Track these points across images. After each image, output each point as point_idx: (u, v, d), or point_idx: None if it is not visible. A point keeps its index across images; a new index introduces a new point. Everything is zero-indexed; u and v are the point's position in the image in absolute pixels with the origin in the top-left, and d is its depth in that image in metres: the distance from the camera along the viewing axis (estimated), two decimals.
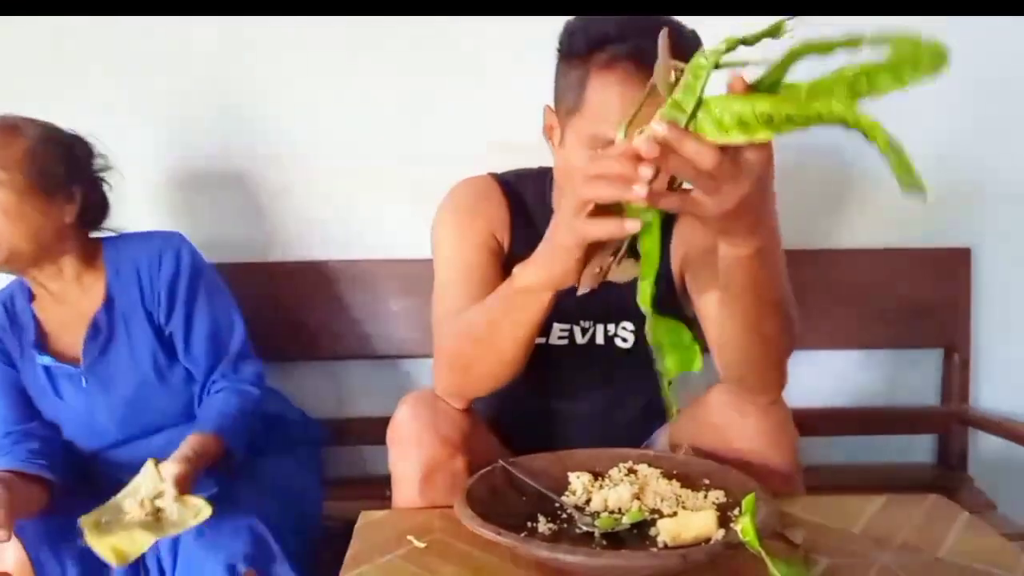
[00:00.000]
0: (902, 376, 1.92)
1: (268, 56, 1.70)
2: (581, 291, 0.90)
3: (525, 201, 1.28)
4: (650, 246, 0.81)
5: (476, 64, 1.73)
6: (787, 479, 1.12)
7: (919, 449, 1.94)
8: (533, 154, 1.31)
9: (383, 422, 1.12)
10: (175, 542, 1.19)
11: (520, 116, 1.70)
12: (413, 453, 1.07)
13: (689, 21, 1.15)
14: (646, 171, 0.74)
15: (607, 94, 1.06)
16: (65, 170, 1.31)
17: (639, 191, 0.74)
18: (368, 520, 1.05)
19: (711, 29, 1.11)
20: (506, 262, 1.23)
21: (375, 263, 1.76)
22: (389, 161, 1.76)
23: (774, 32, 0.67)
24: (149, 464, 1.16)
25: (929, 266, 1.82)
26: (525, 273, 0.97)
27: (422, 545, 0.96)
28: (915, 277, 1.80)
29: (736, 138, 0.69)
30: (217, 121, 1.28)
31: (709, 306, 1.14)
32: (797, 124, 0.67)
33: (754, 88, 0.69)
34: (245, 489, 1.29)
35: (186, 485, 1.14)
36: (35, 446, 1.31)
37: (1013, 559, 0.91)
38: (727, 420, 1.12)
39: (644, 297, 0.82)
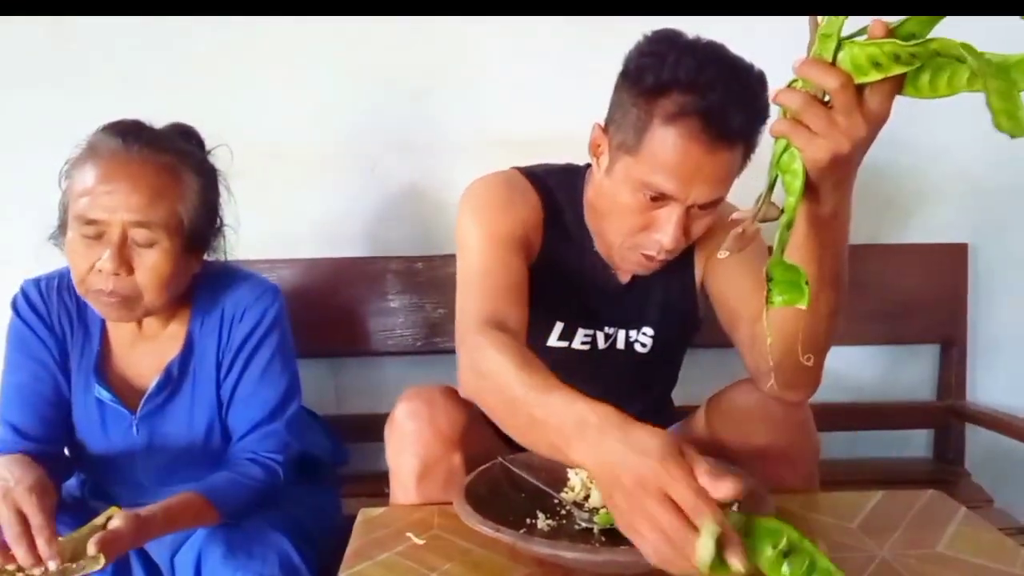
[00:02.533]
0: (899, 371, 1.92)
1: (267, 54, 1.70)
2: (722, 255, 0.82)
3: (557, 201, 1.24)
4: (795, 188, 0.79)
5: (473, 61, 1.73)
6: (806, 478, 1.12)
7: (916, 444, 1.95)
8: (531, 149, 1.31)
9: (382, 419, 1.12)
10: (198, 561, 1.15)
11: (518, 113, 1.72)
12: (410, 449, 1.07)
13: (690, 21, 1.15)
14: None
15: (667, 149, 1.04)
16: (213, 229, 1.26)
17: None
18: (368, 517, 1.05)
19: (712, 29, 1.12)
20: (536, 263, 1.21)
21: (373, 259, 1.76)
22: (387, 157, 1.76)
23: None
24: (105, 513, 1.06)
25: (926, 261, 1.82)
26: (573, 445, 0.79)
27: (421, 542, 0.96)
28: (912, 272, 1.81)
29: (873, 76, 0.70)
30: (216, 117, 1.27)
31: (741, 303, 1.14)
32: (921, 59, 0.68)
33: (892, 33, 0.70)
34: (275, 511, 1.24)
35: (113, 544, 1.00)
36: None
37: (1010, 554, 0.91)
38: (751, 415, 1.12)
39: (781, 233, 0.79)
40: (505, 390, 0.89)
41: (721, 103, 1.01)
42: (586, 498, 1.01)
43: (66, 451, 1.32)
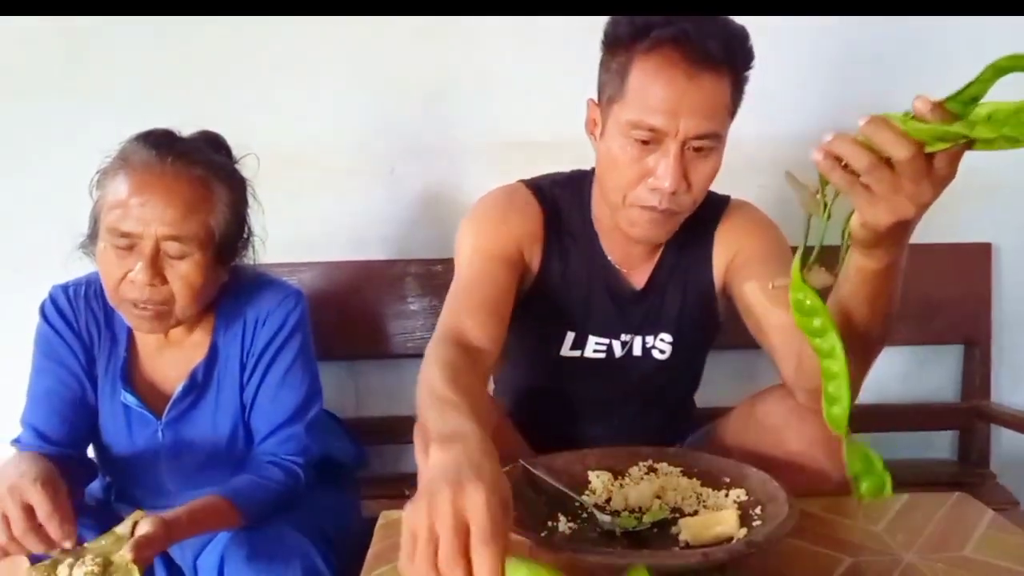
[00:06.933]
0: (922, 372, 1.90)
1: (279, 55, 1.71)
2: (819, 285, 0.81)
3: (560, 210, 1.24)
4: (838, 368, 0.80)
5: (487, 63, 1.73)
6: (839, 486, 1.10)
7: (940, 446, 1.93)
8: (547, 152, 1.30)
9: (402, 421, 1.12)
10: (220, 564, 1.15)
11: (534, 115, 1.72)
12: None
13: None
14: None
15: (648, 79, 1.05)
16: (242, 239, 1.27)
17: None
18: (388, 520, 1.05)
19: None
20: (540, 276, 1.22)
21: (393, 262, 1.77)
22: (404, 161, 1.76)
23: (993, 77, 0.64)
24: (131, 518, 1.05)
25: (950, 262, 1.80)
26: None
27: None
28: (936, 273, 1.79)
29: (940, 147, 0.68)
30: (230, 120, 1.28)
31: (768, 311, 1.12)
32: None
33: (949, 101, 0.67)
34: (296, 514, 1.24)
35: (146, 550, 1.00)
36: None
37: None
38: (785, 423, 1.10)
39: (839, 423, 0.82)
40: (424, 395, 0.90)
41: (696, 29, 1.03)
42: (608, 501, 1.01)
43: (90, 454, 1.34)
